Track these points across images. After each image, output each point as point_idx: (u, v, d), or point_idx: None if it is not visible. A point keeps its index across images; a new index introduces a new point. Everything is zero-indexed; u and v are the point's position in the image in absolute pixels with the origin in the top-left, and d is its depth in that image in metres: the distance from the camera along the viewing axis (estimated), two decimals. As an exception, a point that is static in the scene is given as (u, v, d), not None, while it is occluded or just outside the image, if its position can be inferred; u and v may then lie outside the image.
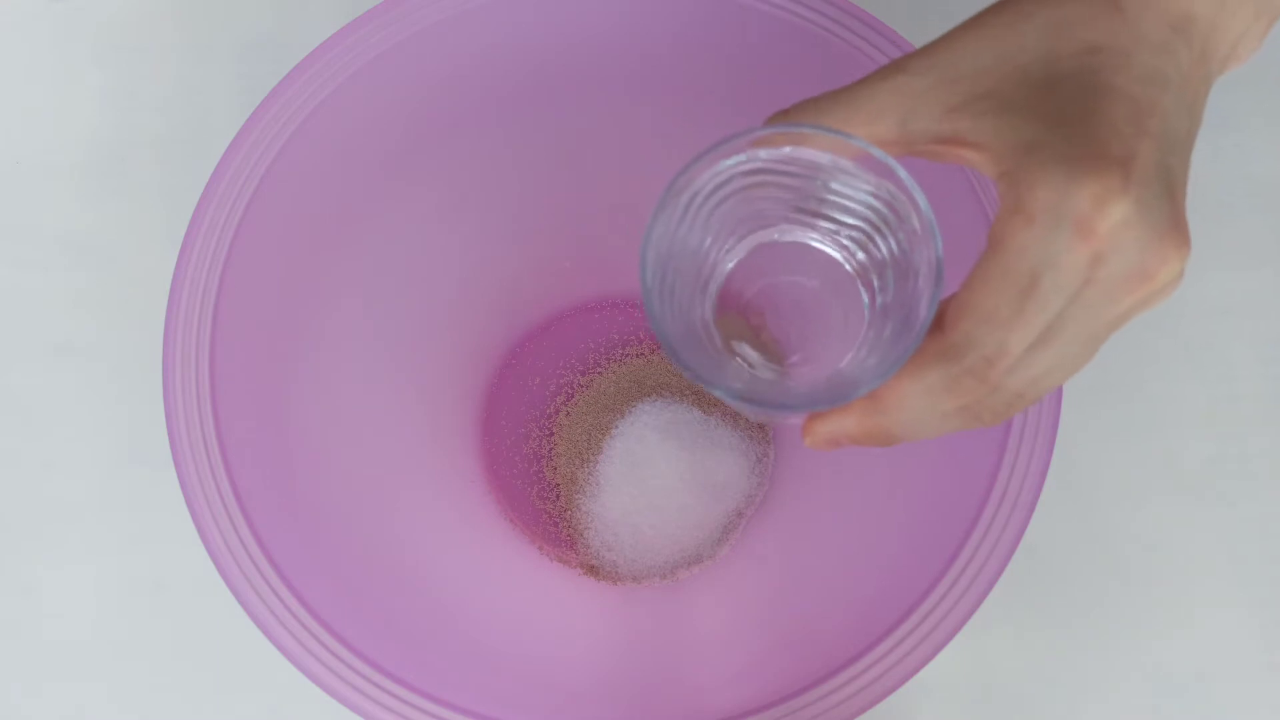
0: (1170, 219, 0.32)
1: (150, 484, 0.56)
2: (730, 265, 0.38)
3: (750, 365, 0.38)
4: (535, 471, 0.57)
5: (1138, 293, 0.33)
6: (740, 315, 0.38)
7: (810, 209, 0.36)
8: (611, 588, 0.55)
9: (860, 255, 0.36)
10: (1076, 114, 0.33)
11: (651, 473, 0.54)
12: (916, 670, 0.43)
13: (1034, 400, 0.34)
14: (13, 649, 0.56)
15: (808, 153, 0.34)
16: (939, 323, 0.34)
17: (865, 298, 0.37)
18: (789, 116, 0.35)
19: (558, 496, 0.56)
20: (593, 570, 0.55)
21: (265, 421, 0.47)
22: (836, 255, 0.37)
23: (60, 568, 0.56)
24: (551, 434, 0.57)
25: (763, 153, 0.34)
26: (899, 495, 0.49)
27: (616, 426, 0.56)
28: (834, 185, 0.35)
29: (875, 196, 0.35)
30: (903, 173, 0.33)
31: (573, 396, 0.57)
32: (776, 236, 0.37)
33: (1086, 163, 0.32)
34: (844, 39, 0.46)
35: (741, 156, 0.34)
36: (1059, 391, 0.44)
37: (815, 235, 0.37)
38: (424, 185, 0.51)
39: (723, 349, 0.37)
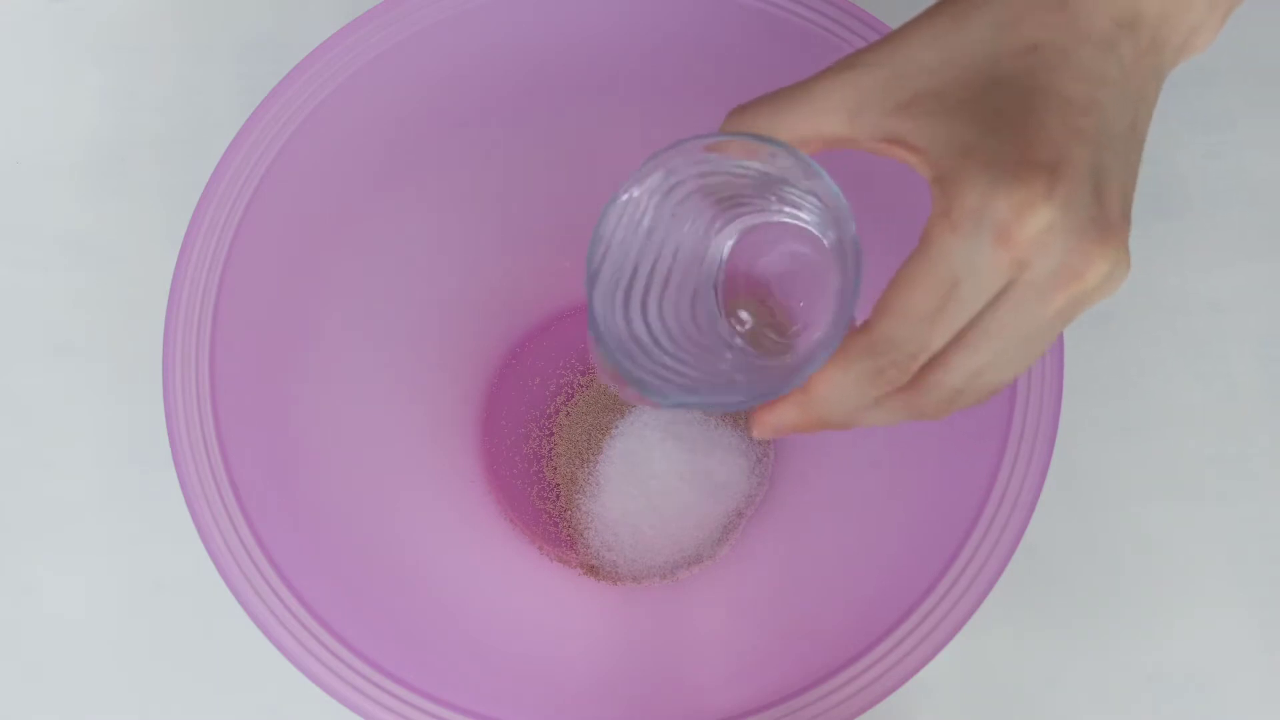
0: (1094, 219, 0.32)
1: (150, 484, 0.56)
2: (726, 251, 0.38)
3: (751, 337, 0.38)
4: (535, 471, 0.57)
5: (1069, 291, 0.33)
6: (747, 295, 0.39)
7: (774, 204, 0.37)
8: (611, 588, 0.55)
9: (831, 234, 0.37)
10: (1011, 117, 0.33)
11: (651, 473, 0.54)
12: (916, 670, 0.43)
13: (979, 398, 0.35)
14: (13, 649, 0.56)
15: (740, 158, 0.35)
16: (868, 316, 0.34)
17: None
18: (746, 111, 0.36)
19: (558, 496, 0.56)
20: (593, 570, 0.55)
21: (265, 421, 0.47)
22: (816, 233, 0.37)
23: (60, 568, 0.56)
24: (551, 434, 0.57)
25: (714, 157, 0.35)
26: (899, 495, 0.49)
27: (616, 426, 0.56)
28: (781, 184, 0.36)
29: (812, 194, 0.35)
30: (826, 178, 0.33)
31: (573, 396, 0.57)
32: (761, 220, 0.38)
33: (1011, 168, 0.32)
34: (846, 40, 0.46)
35: (661, 174, 0.35)
36: (1059, 391, 0.44)
37: (788, 214, 0.38)
38: (424, 185, 0.51)
39: (714, 341, 0.38)
